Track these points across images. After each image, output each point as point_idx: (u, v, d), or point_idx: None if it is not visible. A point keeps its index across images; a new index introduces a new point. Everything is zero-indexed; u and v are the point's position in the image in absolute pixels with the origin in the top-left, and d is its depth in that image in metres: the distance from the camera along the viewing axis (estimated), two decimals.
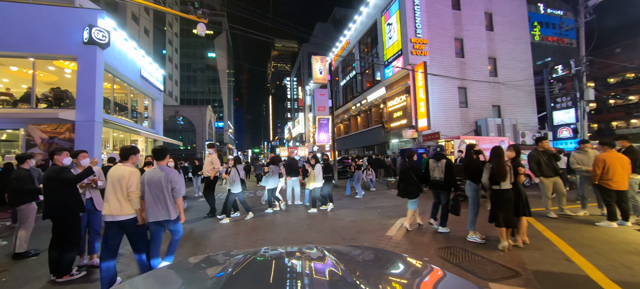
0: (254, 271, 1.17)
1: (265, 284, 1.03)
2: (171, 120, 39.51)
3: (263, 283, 1.04)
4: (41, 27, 10.66)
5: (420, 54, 15.02)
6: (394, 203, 8.07)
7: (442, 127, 14.74)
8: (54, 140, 10.92)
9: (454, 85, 15.78)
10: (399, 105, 16.17)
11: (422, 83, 13.97)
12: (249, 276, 1.11)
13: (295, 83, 55.86)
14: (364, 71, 21.33)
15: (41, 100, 11.45)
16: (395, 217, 6.18)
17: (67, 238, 3.27)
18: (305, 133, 42.32)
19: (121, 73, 13.39)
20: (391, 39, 16.70)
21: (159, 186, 3.13)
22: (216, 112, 56.57)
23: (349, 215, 6.63)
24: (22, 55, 10.75)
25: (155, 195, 3.13)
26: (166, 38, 45.81)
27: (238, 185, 6.28)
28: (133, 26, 32.89)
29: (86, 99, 10.93)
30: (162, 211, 3.14)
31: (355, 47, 22.34)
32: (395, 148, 17.51)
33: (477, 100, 16.27)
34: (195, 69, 63.54)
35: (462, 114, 15.84)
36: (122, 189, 2.96)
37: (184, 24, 59.75)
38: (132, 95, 16.02)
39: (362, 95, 20.87)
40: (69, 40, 10.90)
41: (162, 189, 3.13)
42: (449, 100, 15.57)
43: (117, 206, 2.94)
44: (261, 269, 1.20)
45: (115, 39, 12.64)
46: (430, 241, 4.39)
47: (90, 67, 11.03)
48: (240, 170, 6.43)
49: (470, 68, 16.19)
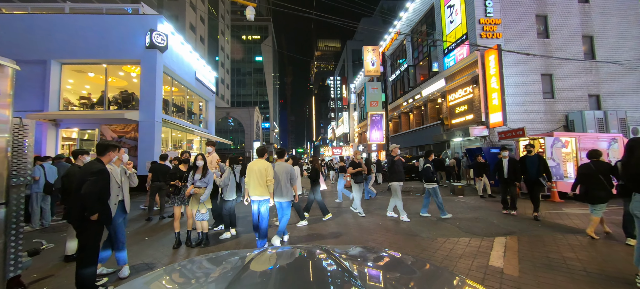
0: (261, 268, 1.19)
1: (272, 282, 1.05)
2: (223, 121, 42.06)
3: (269, 281, 1.06)
4: (111, 35, 11.59)
5: (492, 36, 12.73)
6: (472, 214, 6.53)
7: (520, 123, 12.27)
8: (122, 139, 11.80)
9: (535, 71, 13.06)
10: (463, 98, 14.03)
11: (495, 71, 11.75)
12: (257, 274, 1.12)
13: (338, 82, 54.98)
14: (418, 63, 19.34)
15: (113, 102, 12.53)
16: (486, 235, 4.76)
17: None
18: (350, 132, 41.10)
19: (178, 75, 14.06)
20: (453, 23, 14.62)
21: None
22: (263, 113, 58.82)
23: (423, 229, 5.39)
24: (96, 61, 11.85)
25: None
26: (219, 45, 49.04)
27: (233, 191, 5.02)
28: (190, 35, 35.67)
29: (148, 100, 11.56)
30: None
31: (407, 37, 20.44)
32: (457, 147, 15.32)
33: (567, 89, 13.23)
34: (244, 73, 67.14)
35: (546, 106, 13.02)
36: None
37: (234, 31, 63.59)
38: (188, 97, 16.91)
39: (416, 90, 18.92)
40: (134, 45, 11.66)
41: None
42: (529, 90, 12.92)
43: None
44: (267, 268, 1.22)
45: (172, 43, 13.29)
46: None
47: (151, 69, 11.64)
48: (237, 172, 5.23)
49: (557, 51, 13.24)
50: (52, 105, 11.45)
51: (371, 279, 1.12)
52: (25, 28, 11.27)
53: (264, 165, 4.26)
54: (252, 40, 68.02)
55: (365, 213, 6.81)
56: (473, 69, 12.95)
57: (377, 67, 13.54)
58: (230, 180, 4.95)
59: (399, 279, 1.13)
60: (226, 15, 55.16)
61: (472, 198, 9.33)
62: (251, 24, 68.96)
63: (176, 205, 4.31)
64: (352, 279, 1.02)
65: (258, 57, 67.53)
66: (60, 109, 11.70)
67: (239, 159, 5.28)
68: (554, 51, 13.27)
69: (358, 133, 36.13)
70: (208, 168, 4.45)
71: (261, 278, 1.08)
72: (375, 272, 1.23)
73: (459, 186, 10.35)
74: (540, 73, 13.12)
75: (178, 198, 4.28)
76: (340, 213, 7.04)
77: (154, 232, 5.51)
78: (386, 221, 6.11)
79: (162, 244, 4.70)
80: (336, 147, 40.48)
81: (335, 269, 1.13)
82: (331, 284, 1.02)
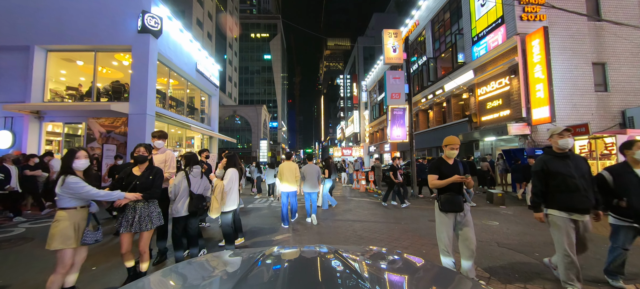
0: (268, 268, 1.18)
1: (279, 282, 1.04)
2: (230, 119, 41.08)
3: (277, 281, 1.05)
4: (100, 18, 10.37)
5: (535, 19, 10.91)
6: (523, 228, 4.85)
7: (566, 119, 10.43)
8: (111, 134, 10.56)
9: (585, 60, 11.15)
10: (497, 91, 12.21)
11: (541, 58, 9.94)
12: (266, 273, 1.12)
13: (348, 81, 53.28)
14: (439, 55, 17.53)
15: (103, 94, 11.32)
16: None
17: None
18: (360, 132, 39.36)
19: (176, 65, 12.78)
20: (484, 6, 12.82)
21: None
22: (271, 112, 57.75)
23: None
24: (84, 47, 10.66)
25: None
26: (227, 42, 48.17)
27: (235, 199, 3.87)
28: (197, 30, 34.76)
29: (139, 91, 10.28)
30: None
31: (427, 27, 18.66)
32: (488, 148, 13.50)
33: (624, 81, 11.26)
34: (252, 71, 66.25)
35: (599, 101, 11.09)
36: None
37: (242, 29, 62.80)
38: (188, 91, 15.65)
39: (437, 84, 17.12)
40: (124, 30, 10.41)
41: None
42: (577, 82, 11.03)
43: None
44: (275, 268, 1.20)
45: (169, 29, 12.01)
46: None
47: (143, 56, 10.36)
48: (235, 179, 3.94)
49: (612, 36, 11.29)
50: (35, 96, 10.31)
51: (381, 282, 1.11)
52: (6, 10, 10.18)
53: (293, 165, 5.82)
54: (260, 38, 67.05)
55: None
56: (511, 57, 11.14)
57: (399, 54, 11.88)
58: (181, 188, 3.42)
59: (412, 284, 1.12)
60: (235, 12, 54.31)
61: (518, 209, 7.64)
62: (260, 21, 68.14)
63: (123, 230, 2.83)
64: (360, 281, 1.00)
65: (267, 55, 66.53)
66: (44, 100, 10.57)
67: (224, 157, 3.76)
68: (607, 37, 11.32)
69: (369, 133, 34.37)
70: (161, 170, 2.98)
71: (269, 278, 1.08)
72: (386, 275, 1.20)
73: (499, 194, 8.64)
74: (592, 62, 11.20)
75: (124, 218, 2.81)
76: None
77: (112, 255, 4.08)
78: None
79: (111, 279, 3.25)
80: (346, 147, 38.81)
81: (343, 270, 1.13)
82: (341, 286, 1.00)
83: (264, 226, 6.00)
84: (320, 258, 1.28)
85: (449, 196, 2.87)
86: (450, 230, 2.90)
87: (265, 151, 36.34)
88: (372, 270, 1.23)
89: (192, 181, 3.45)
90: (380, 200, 9.73)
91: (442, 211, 2.92)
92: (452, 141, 3.04)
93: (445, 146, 3.09)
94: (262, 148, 36.65)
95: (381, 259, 1.43)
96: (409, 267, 1.32)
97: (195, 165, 3.55)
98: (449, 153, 3.03)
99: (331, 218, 6.78)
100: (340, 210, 7.91)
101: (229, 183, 3.58)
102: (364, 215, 7.07)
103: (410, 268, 1.31)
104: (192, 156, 3.59)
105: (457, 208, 2.85)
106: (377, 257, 1.46)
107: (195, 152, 4.10)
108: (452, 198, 2.86)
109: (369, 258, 1.43)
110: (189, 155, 3.59)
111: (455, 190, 2.90)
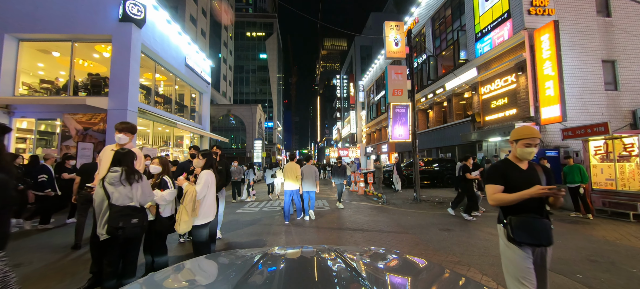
0: (269, 268, 1.16)
1: (280, 281, 1.02)
2: (224, 119, 40.11)
3: (277, 280, 1.04)
4: (77, 4, 9.52)
5: (544, 13, 10.37)
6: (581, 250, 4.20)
7: (576, 119, 9.89)
8: (88, 132, 9.70)
9: (595, 57, 10.65)
10: (502, 89, 11.65)
11: (551, 53, 9.37)
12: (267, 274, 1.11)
13: (345, 81, 52.70)
14: (440, 53, 16.97)
15: (81, 88, 10.44)
16: None
17: None
18: (357, 133, 38.76)
19: (163, 59, 11.94)
20: (488, 1, 12.27)
21: None
22: (266, 113, 56.81)
23: None
24: (60, 37, 9.78)
25: None
26: (221, 40, 47.18)
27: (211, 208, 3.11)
28: (191, 27, 33.79)
29: (120, 85, 9.44)
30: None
31: (427, 25, 18.11)
32: (492, 149, 12.93)
33: (635, 80, 10.78)
34: (248, 71, 65.25)
35: (609, 100, 10.59)
36: None
37: (238, 28, 61.85)
38: (177, 87, 14.81)
39: (437, 83, 16.56)
40: (104, 18, 9.58)
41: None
42: (587, 79, 10.51)
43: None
44: (275, 267, 1.18)
45: (155, 20, 11.19)
46: None
47: (125, 47, 9.53)
48: (211, 183, 3.13)
49: (622, 32, 10.81)
50: (5, 89, 9.41)
51: (381, 282, 1.10)
52: None
53: (295, 166, 6.34)
54: (256, 37, 66.09)
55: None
56: (518, 53, 10.58)
57: (401, 48, 11.20)
58: (97, 201, 2.60)
59: (412, 284, 1.09)
60: (230, 9, 53.34)
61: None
62: (256, 20, 67.24)
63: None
64: (361, 279, 1.00)
65: (262, 55, 65.61)
66: (15, 94, 9.66)
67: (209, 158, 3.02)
68: (617, 33, 10.84)
69: (366, 134, 33.77)
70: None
71: (269, 277, 1.07)
72: (387, 275, 1.19)
73: None
74: (601, 60, 10.70)
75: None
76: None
77: (73, 271, 3.30)
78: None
79: None
80: (342, 148, 38.18)
81: (344, 270, 1.11)
82: (337, 285, 0.99)
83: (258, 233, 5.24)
84: (320, 258, 1.28)
85: (527, 220, 1.80)
86: (528, 271, 1.79)
87: (260, 152, 35.47)
88: (372, 270, 1.23)
89: (108, 189, 2.47)
90: (381, 203, 9.05)
91: (513, 243, 1.84)
92: (528, 132, 1.92)
93: (514, 142, 1.98)
94: (257, 149, 35.77)
95: (381, 259, 1.42)
96: (410, 267, 1.31)
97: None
98: (522, 153, 1.92)
99: (328, 226, 6.06)
100: (338, 216, 7.20)
101: (203, 188, 2.84)
102: (366, 222, 6.37)
103: (411, 268, 1.30)
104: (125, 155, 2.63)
105: (544, 239, 1.78)
106: (377, 257, 1.46)
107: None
108: (531, 222, 1.79)
109: (369, 257, 1.43)
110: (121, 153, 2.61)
111: (534, 208, 1.83)
